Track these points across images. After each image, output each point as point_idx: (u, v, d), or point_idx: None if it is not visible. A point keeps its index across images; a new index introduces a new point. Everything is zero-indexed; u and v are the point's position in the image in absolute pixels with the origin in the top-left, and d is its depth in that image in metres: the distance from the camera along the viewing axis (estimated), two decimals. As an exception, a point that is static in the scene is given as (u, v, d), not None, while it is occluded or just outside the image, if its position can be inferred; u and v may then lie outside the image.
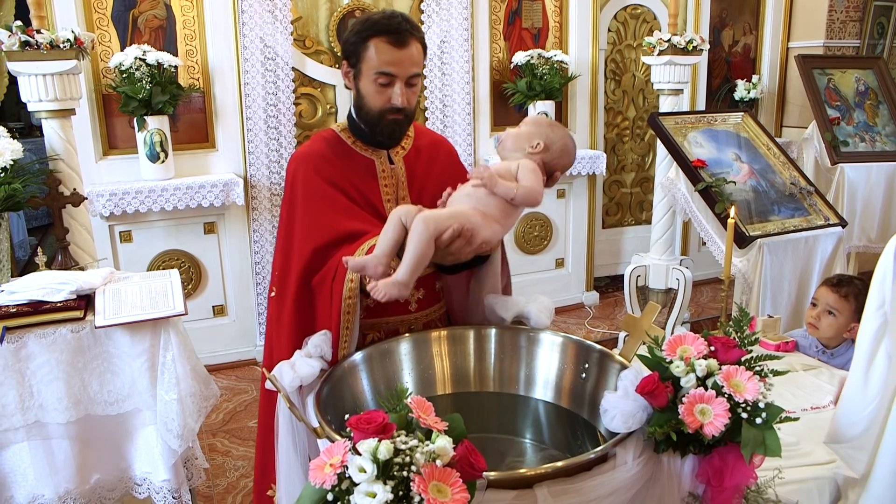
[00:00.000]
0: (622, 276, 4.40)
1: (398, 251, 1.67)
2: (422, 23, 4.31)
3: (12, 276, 2.65)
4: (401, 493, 1.01)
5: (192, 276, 4.06)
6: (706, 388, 1.34)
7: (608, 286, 5.43)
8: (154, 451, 2.11)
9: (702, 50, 4.07)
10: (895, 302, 1.31)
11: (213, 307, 4.17)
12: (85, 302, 2.09)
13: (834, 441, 1.42)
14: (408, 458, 1.03)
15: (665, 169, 4.10)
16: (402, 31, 1.83)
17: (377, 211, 1.94)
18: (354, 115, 1.96)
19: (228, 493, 2.93)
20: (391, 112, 1.88)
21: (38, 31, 2.80)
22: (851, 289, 2.65)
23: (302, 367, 1.66)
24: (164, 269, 3.71)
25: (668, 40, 3.96)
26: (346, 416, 1.13)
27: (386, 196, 1.97)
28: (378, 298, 1.57)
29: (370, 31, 1.83)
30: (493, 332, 1.87)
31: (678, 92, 4.18)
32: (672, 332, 3.93)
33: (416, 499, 1.00)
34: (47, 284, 2.07)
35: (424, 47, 1.90)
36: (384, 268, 1.62)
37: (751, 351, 1.44)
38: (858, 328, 2.58)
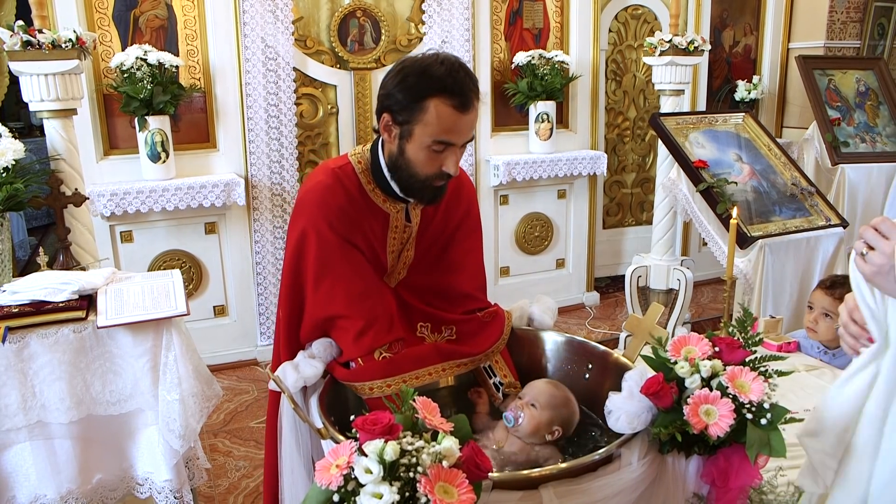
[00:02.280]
0: (623, 276, 4.39)
1: None
2: (423, 23, 4.32)
3: (13, 276, 2.64)
4: (407, 493, 1.01)
5: (193, 276, 4.05)
6: (711, 389, 1.35)
7: (609, 287, 5.43)
8: (156, 451, 2.10)
9: (703, 50, 4.07)
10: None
11: (214, 307, 4.16)
12: (87, 302, 2.09)
13: (811, 434, 1.38)
14: (414, 459, 1.03)
15: (666, 169, 4.10)
16: (468, 91, 1.59)
17: (378, 260, 1.83)
18: (385, 167, 1.74)
19: (230, 493, 2.93)
20: (438, 178, 1.68)
21: (40, 31, 2.80)
22: (845, 290, 2.62)
23: (305, 367, 1.66)
24: (164, 269, 3.71)
25: (670, 41, 3.96)
26: (352, 416, 1.13)
27: (391, 247, 1.84)
28: None
29: (431, 91, 1.58)
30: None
31: (679, 92, 4.18)
32: (673, 333, 3.93)
33: (423, 500, 1.00)
34: (49, 284, 2.07)
35: (479, 101, 1.65)
36: None
37: (755, 352, 1.44)
38: None
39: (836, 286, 2.67)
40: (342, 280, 1.73)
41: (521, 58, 4.53)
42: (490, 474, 1.12)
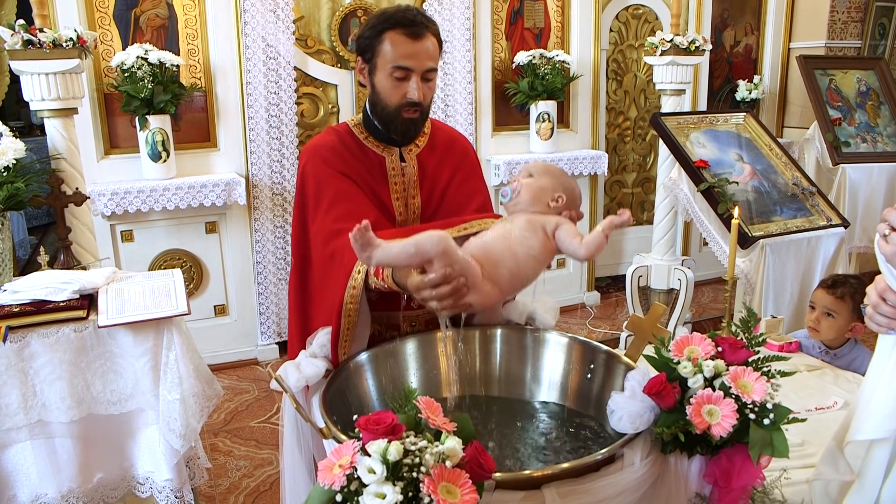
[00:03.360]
0: (623, 276, 4.39)
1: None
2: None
3: (14, 276, 2.64)
4: (410, 494, 1.01)
5: (194, 275, 4.05)
6: (714, 389, 1.34)
7: (609, 286, 5.43)
8: (157, 450, 2.10)
9: (704, 50, 4.07)
10: None
11: (215, 307, 4.16)
12: (88, 301, 2.08)
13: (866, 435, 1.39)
14: (417, 459, 1.03)
15: (667, 169, 4.10)
16: (418, 23, 1.80)
17: (386, 208, 1.92)
18: (369, 111, 1.95)
19: (230, 492, 2.93)
20: (407, 108, 1.85)
21: (41, 30, 2.79)
22: (847, 289, 2.64)
23: (307, 367, 1.66)
24: (165, 268, 3.71)
25: (671, 40, 3.95)
26: (354, 416, 1.12)
27: (395, 194, 1.95)
28: (351, 234, 1.44)
29: (385, 25, 1.81)
30: (498, 332, 1.87)
31: (680, 92, 4.18)
32: (674, 333, 3.93)
33: (426, 500, 1.00)
34: (50, 284, 2.06)
35: (440, 42, 1.87)
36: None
37: (758, 352, 1.44)
38: (859, 327, 2.61)
39: (838, 285, 2.67)
40: (337, 202, 1.84)
41: (521, 57, 4.53)
42: (493, 474, 1.11)
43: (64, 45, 2.81)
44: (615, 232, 5.54)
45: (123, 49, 3.70)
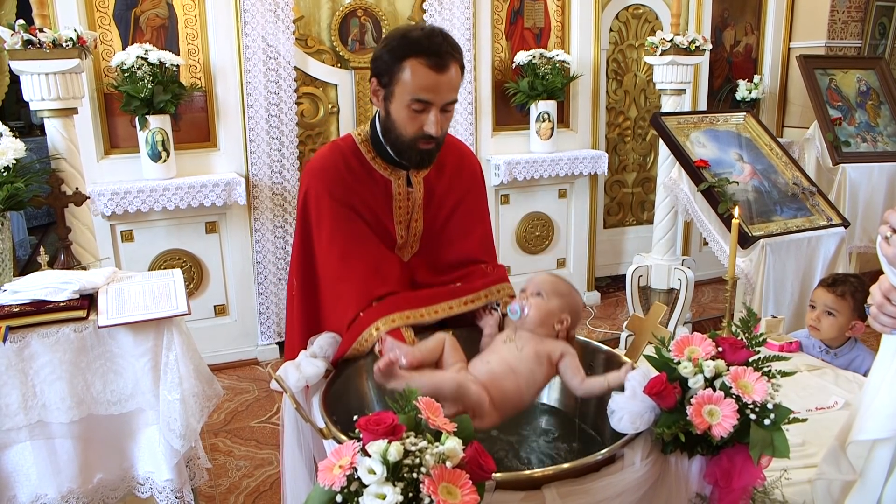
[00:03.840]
0: (623, 276, 4.39)
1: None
2: (423, 22, 4.31)
3: (14, 276, 2.64)
4: (410, 494, 1.01)
5: (194, 275, 4.05)
6: (714, 389, 1.34)
7: (609, 286, 5.43)
8: (157, 450, 2.10)
9: (704, 50, 4.07)
10: None
11: (215, 307, 4.16)
12: (88, 301, 2.08)
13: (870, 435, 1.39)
14: (417, 460, 1.03)
15: (667, 169, 4.10)
16: (443, 53, 1.67)
17: (387, 232, 1.87)
18: (380, 134, 1.83)
19: (231, 492, 2.93)
20: (423, 140, 1.75)
21: (41, 30, 2.79)
22: (847, 287, 2.65)
23: (307, 367, 1.66)
24: (165, 268, 3.70)
25: (671, 40, 3.95)
26: (354, 417, 1.12)
27: (398, 218, 1.89)
28: (382, 356, 1.50)
29: (407, 51, 1.67)
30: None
31: (680, 92, 4.18)
32: (674, 333, 3.93)
33: (426, 500, 1.00)
34: (50, 284, 2.06)
35: (463, 69, 1.75)
36: (409, 360, 1.55)
37: (758, 352, 1.44)
38: (860, 325, 2.61)
39: (838, 284, 2.68)
40: (337, 240, 1.81)
41: (521, 57, 4.53)
42: (493, 475, 1.11)
43: (64, 45, 2.81)
44: (615, 232, 5.54)
45: (123, 49, 3.70)
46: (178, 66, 3.75)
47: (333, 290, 1.80)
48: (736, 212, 2.76)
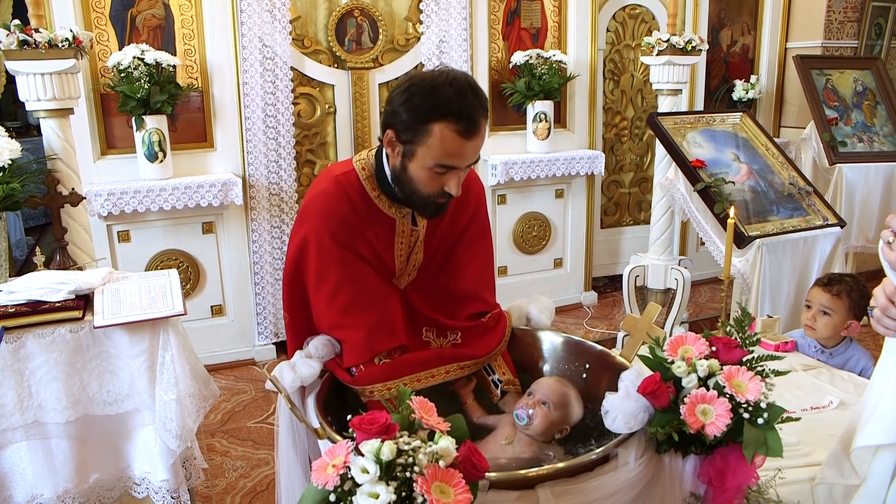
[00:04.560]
0: (620, 276, 4.39)
1: None
2: (420, 22, 4.31)
3: (10, 276, 2.64)
4: (403, 493, 1.01)
5: (191, 276, 4.05)
6: (708, 389, 1.35)
7: (606, 286, 5.43)
8: (153, 451, 2.10)
9: (701, 50, 4.07)
10: None
11: (212, 307, 4.16)
12: (84, 302, 2.08)
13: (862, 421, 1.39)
14: (411, 459, 1.03)
15: (664, 169, 4.10)
16: (475, 117, 1.57)
17: (385, 264, 1.82)
18: (389, 177, 1.71)
19: (227, 493, 2.93)
20: (440, 196, 1.66)
21: (37, 30, 2.79)
22: (843, 286, 2.66)
23: (302, 367, 1.66)
24: (162, 269, 3.69)
25: (667, 40, 3.96)
26: (349, 416, 1.12)
27: (399, 252, 1.83)
28: None
29: (436, 114, 1.54)
30: (493, 332, 1.86)
31: (677, 92, 4.18)
32: (670, 332, 3.93)
33: (419, 500, 1.00)
34: (46, 284, 2.06)
35: (487, 121, 1.65)
36: None
37: (752, 351, 1.44)
38: (855, 324, 2.62)
39: (834, 283, 2.69)
40: (342, 290, 1.72)
41: (518, 57, 4.53)
42: (487, 474, 1.12)
43: (60, 45, 2.81)
44: (612, 232, 5.52)
45: (120, 49, 3.69)
46: (174, 67, 3.75)
47: (338, 336, 1.75)
48: (732, 212, 2.77)
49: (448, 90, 1.55)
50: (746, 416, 1.31)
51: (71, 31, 2.85)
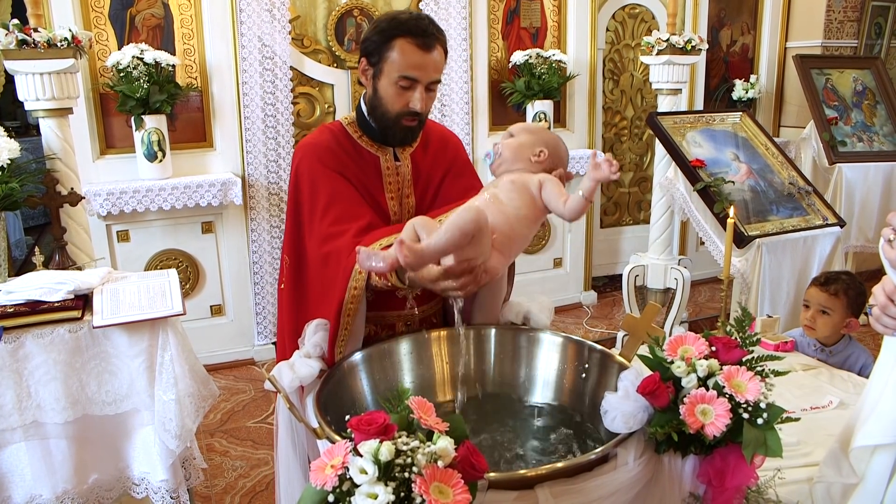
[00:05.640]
0: (620, 275, 4.39)
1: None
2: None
3: (9, 276, 2.64)
4: (402, 494, 1.01)
5: (190, 275, 4.05)
6: (707, 389, 1.34)
7: (606, 286, 5.43)
8: (152, 451, 2.10)
9: (700, 50, 4.07)
10: None
11: (211, 307, 4.16)
12: (83, 302, 2.08)
13: (872, 440, 1.39)
14: (409, 460, 1.02)
15: (663, 168, 4.10)
16: (429, 34, 1.78)
17: (380, 208, 1.92)
18: (366, 112, 1.91)
19: (227, 493, 2.92)
20: (408, 116, 1.84)
21: (36, 30, 2.79)
22: (840, 285, 2.67)
23: (301, 367, 1.65)
24: (161, 268, 3.69)
25: (667, 40, 3.96)
26: (347, 416, 1.12)
27: (389, 193, 1.94)
28: (399, 260, 1.48)
29: (396, 31, 1.77)
30: (492, 332, 1.86)
31: (676, 91, 4.18)
32: (670, 332, 3.93)
33: (418, 500, 1.00)
34: (45, 284, 2.06)
35: (446, 53, 1.86)
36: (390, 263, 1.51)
37: (752, 351, 1.44)
38: (854, 322, 2.63)
39: (831, 282, 2.69)
40: (333, 204, 1.83)
41: (518, 57, 4.53)
42: (486, 474, 1.11)
43: (58, 44, 2.81)
44: (612, 231, 5.51)
45: (119, 49, 3.69)
46: (173, 66, 3.75)
47: (327, 249, 1.80)
48: (731, 211, 2.77)
49: (406, 15, 1.81)
50: (746, 416, 1.30)
51: (70, 30, 2.85)
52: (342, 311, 1.68)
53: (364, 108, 1.92)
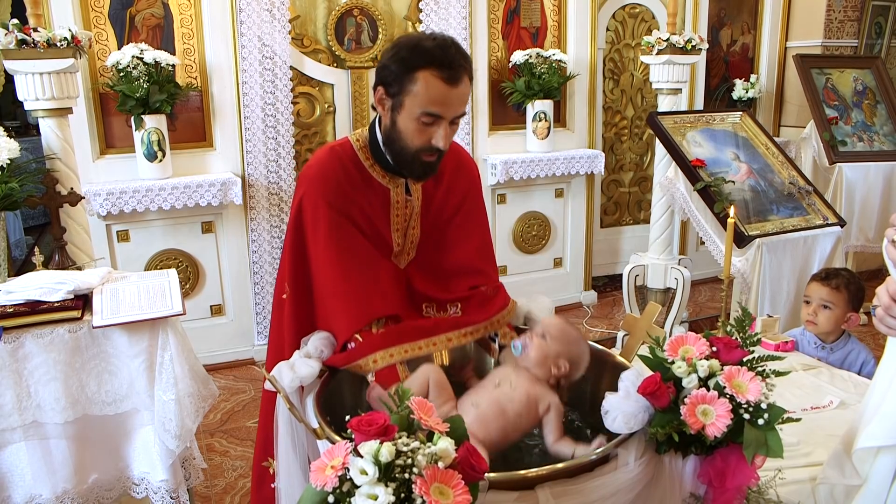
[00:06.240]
0: (620, 275, 4.39)
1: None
2: (420, 21, 4.31)
3: (9, 276, 2.63)
4: (402, 495, 1.01)
5: (190, 275, 4.04)
6: (708, 389, 1.34)
7: (606, 286, 5.43)
8: (152, 451, 2.10)
9: (700, 49, 4.07)
10: None
11: (211, 307, 4.15)
12: (82, 302, 2.08)
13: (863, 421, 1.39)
14: (409, 460, 1.02)
15: (664, 168, 4.10)
16: (456, 66, 1.63)
17: (383, 240, 1.84)
18: (381, 142, 1.78)
19: (226, 493, 2.92)
20: (427, 153, 1.71)
21: (35, 30, 2.79)
22: (841, 280, 2.70)
23: (301, 367, 1.65)
24: (161, 268, 3.69)
25: (667, 40, 3.95)
26: (347, 417, 1.12)
27: (395, 226, 1.86)
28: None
29: (420, 62, 1.62)
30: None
31: (677, 91, 4.18)
32: (670, 332, 3.93)
33: (418, 501, 1.00)
34: (45, 284, 2.06)
35: (472, 80, 1.71)
36: None
37: (752, 351, 1.44)
38: (855, 317, 2.65)
39: (832, 277, 2.72)
40: (336, 255, 1.76)
41: (518, 56, 4.52)
42: (486, 475, 1.11)
43: (58, 44, 2.81)
44: (612, 231, 5.51)
45: (119, 49, 3.69)
46: (173, 66, 3.74)
47: (330, 305, 1.76)
48: (731, 211, 2.77)
49: (431, 42, 1.65)
50: (747, 416, 1.30)
51: (69, 30, 2.84)
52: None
53: (379, 135, 1.79)
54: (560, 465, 1.31)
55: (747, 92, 5.34)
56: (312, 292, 1.81)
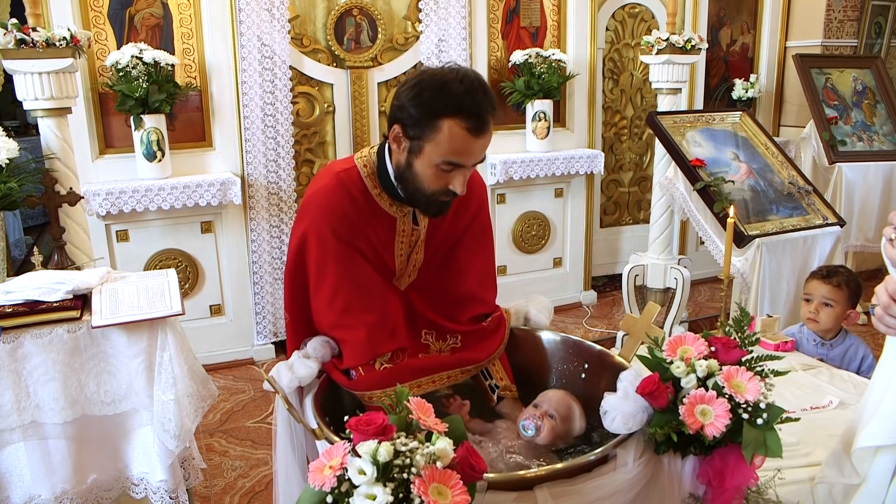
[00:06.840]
0: (620, 275, 4.39)
1: None
2: (419, 21, 4.31)
3: (8, 276, 2.63)
4: (401, 495, 1.01)
5: (190, 275, 4.04)
6: (707, 389, 1.34)
7: (606, 285, 5.43)
8: (151, 451, 2.10)
9: (700, 49, 4.07)
10: None
11: (211, 307, 4.15)
12: (81, 302, 2.08)
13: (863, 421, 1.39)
14: (408, 460, 1.02)
15: (663, 168, 4.10)
16: (484, 115, 1.54)
17: (385, 265, 1.80)
18: (392, 175, 1.70)
19: (226, 493, 2.92)
20: (444, 195, 1.64)
21: (34, 29, 2.78)
22: (841, 277, 2.73)
23: (300, 368, 1.65)
24: (160, 268, 3.69)
25: (667, 39, 3.95)
26: (346, 417, 1.12)
27: (399, 251, 1.80)
28: None
29: (446, 110, 1.52)
30: (492, 332, 1.86)
31: (676, 91, 4.18)
32: (670, 332, 3.93)
33: (417, 501, 1.00)
34: (43, 284, 2.06)
35: (493, 118, 1.60)
36: None
37: (751, 351, 1.44)
38: (854, 314, 2.67)
39: (832, 275, 2.74)
40: (343, 288, 1.71)
41: (518, 56, 4.52)
42: (485, 475, 1.11)
43: (57, 44, 2.80)
44: (611, 231, 5.51)
45: (118, 48, 3.69)
46: (172, 66, 3.74)
47: (338, 336, 1.74)
48: (731, 211, 2.77)
49: (458, 86, 1.53)
50: (746, 416, 1.30)
51: (69, 29, 2.84)
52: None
53: (389, 167, 1.70)
54: (559, 466, 1.31)
55: (747, 92, 5.34)
56: (313, 323, 1.79)
